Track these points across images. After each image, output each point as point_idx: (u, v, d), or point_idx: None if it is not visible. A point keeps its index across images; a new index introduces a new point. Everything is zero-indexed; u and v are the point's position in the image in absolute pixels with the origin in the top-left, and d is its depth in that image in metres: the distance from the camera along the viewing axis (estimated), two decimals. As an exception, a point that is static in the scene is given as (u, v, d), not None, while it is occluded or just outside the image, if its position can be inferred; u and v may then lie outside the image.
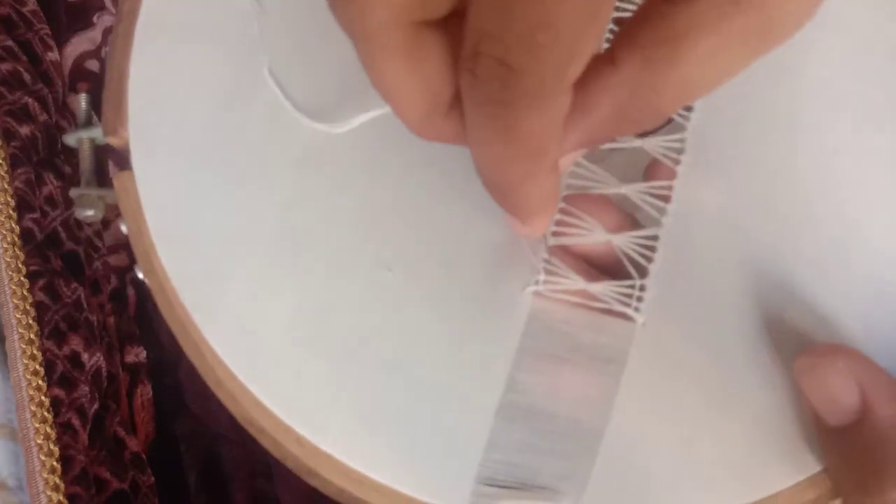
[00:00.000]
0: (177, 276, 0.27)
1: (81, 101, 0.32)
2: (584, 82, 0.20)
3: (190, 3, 0.30)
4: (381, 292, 0.26)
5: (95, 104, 0.32)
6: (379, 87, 0.19)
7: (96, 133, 0.31)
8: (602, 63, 0.20)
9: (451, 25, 0.18)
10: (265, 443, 0.25)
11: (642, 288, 0.24)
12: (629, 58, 0.20)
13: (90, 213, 0.30)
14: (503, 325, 0.25)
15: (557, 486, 0.23)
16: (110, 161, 0.34)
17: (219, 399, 0.26)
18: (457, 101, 0.20)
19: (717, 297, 0.25)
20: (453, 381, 0.25)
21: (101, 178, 0.32)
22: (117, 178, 0.28)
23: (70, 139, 0.32)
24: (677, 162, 0.26)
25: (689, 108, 0.27)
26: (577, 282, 0.25)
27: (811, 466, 0.24)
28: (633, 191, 0.25)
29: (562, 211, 0.25)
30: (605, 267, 0.26)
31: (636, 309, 0.24)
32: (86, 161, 0.31)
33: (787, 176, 0.26)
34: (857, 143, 0.27)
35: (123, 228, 0.28)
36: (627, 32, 0.20)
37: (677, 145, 0.26)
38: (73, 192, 0.30)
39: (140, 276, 0.28)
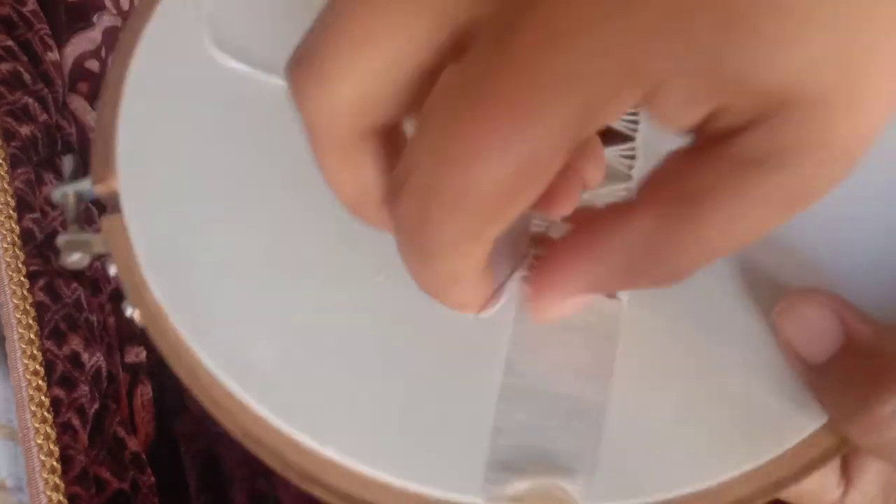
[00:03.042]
0: (167, 302, 0.27)
1: (67, 162, 0.33)
2: (597, 229, 0.20)
3: (176, 63, 0.31)
4: (371, 295, 0.26)
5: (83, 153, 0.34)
6: (320, 169, 0.21)
7: (82, 187, 0.32)
8: (619, 213, 0.19)
9: (392, 135, 0.20)
10: (265, 457, 0.25)
11: None
12: (647, 211, 0.19)
13: (77, 256, 0.31)
14: (497, 311, 0.25)
15: (569, 464, 0.23)
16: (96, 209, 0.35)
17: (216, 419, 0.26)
18: (387, 199, 0.21)
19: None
20: (451, 370, 0.25)
21: (87, 225, 0.33)
22: (106, 220, 0.29)
23: (56, 194, 0.33)
24: (631, 167, 0.28)
25: (635, 122, 0.28)
26: None
27: (820, 416, 0.24)
28: (597, 197, 0.27)
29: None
30: None
31: None
32: (70, 212, 0.32)
33: None
34: None
35: (112, 270, 0.28)
36: (648, 185, 0.19)
37: (629, 153, 0.28)
38: (60, 239, 0.31)
39: (128, 311, 0.28)
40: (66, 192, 0.32)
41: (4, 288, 0.37)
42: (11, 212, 0.39)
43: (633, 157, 0.28)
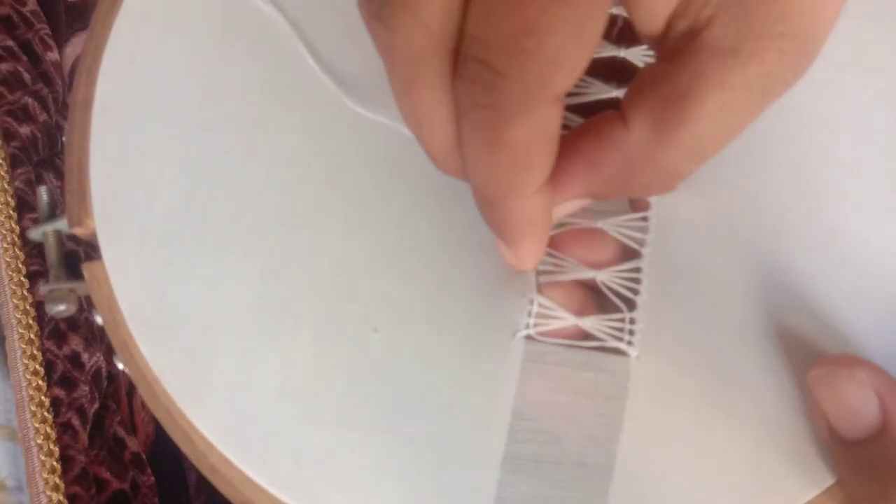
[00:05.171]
0: (157, 363, 0.26)
1: (42, 194, 0.31)
2: (595, 138, 0.20)
3: (145, 83, 0.29)
4: (369, 353, 0.25)
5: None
6: (411, 115, 0.20)
7: (61, 224, 0.29)
8: (614, 122, 0.20)
9: None
10: None
11: (632, 321, 0.24)
12: (640, 119, 0.20)
13: (62, 307, 0.29)
14: (498, 373, 0.25)
15: None
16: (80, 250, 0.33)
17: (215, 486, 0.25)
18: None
19: (709, 317, 0.25)
20: (454, 436, 0.24)
21: (71, 269, 0.30)
22: (87, 269, 0.27)
23: (34, 234, 0.30)
24: None
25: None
26: (567, 319, 0.24)
27: (823, 480, 0.23)
28: (609, 226, 0.25)
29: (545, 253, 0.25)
30: (599, 294, 0.25)
31: (629, 343, 0.24)
32: (52, 255, 0.30)
33: (768, 186, 0.26)
34: (845, 153, 0.26)
35: (98, 320, 0.27)
36: (636, 91, 0.20)
37: None
38: (43, 288, 0.29)
39: (120, 366, 0.27)
40: (44, 231, 0.30)
41: (4, 288, 0.37)
42: (11, 212, 0.39)
43: None
